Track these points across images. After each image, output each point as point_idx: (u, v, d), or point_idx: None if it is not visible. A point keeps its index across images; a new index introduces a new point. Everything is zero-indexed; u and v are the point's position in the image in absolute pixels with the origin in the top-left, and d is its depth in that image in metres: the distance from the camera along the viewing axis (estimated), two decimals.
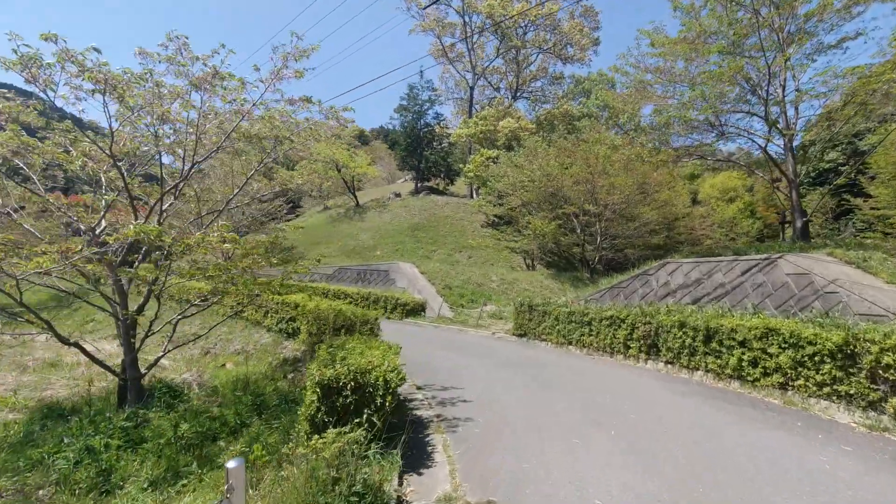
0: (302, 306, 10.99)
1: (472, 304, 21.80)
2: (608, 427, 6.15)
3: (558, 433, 5.95)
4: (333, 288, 23.11)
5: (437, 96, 52.09)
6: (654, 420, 6.44)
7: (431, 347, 12.98)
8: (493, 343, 14.47)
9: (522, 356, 11.93)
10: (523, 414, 6.78)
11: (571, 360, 11.65)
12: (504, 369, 10.08)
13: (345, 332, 8.13)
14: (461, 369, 10.03)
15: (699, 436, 5.78)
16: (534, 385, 8.63)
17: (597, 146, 28.08)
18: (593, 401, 7.47)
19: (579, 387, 8.48)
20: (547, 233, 28.01)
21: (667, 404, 7.27)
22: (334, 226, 44.93)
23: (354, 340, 6.66)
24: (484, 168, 39.64)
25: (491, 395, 7.82)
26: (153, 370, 10.51)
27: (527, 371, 9.95)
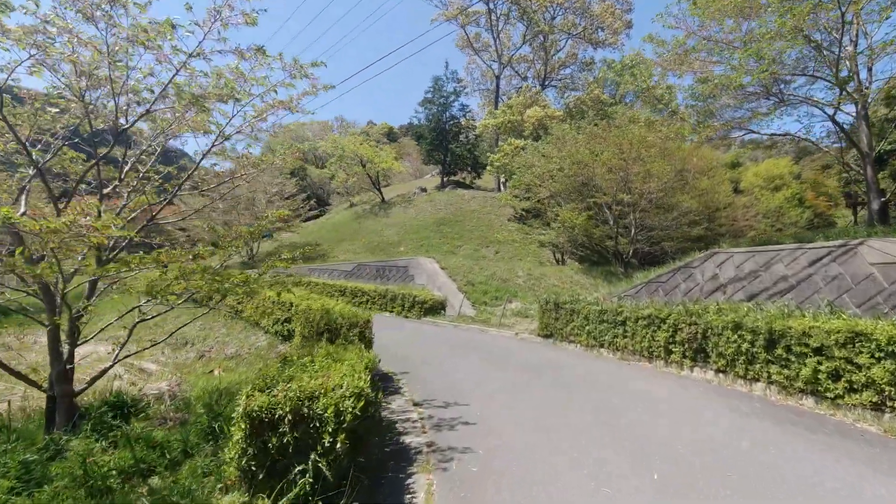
0: (296, 306, 9.81)
1: (496, 301, 20.35)
2: (650, 465, 4.67)
3: (584, 476, 4.52)
4: (350, 285, 22.05)
5: (463, 88, 50.56)
6: (713, 455, 4.92)
7: (443, 351, 11.66)
8: (514, 345, 13.01)
9: (546, 362, 10.47)
10: (537, 444, 5.39)
11: (603, 366, 10.12)
12: (522, 379, 8.66)
13: (327, 339, 6.86)
14: (471, 379, 8.68)
15: (791, 485, 4.24)
16: (556, 401, 7.19)
17: (630, 129, 26.09)
18: (630, 424, 5.98)
19: (613, 404, 6.97)
20: (577, 225, 26.21)
21: (727, 430, 5.73)
22: (359, 222, 44.19)
23: (325, 349, 5.36)
24: (511, 159, 38.03)
25: (501, 416, 6.44)
26: (128, 380, 9.52)
27: (549, 382, 8.51)
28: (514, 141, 38.98)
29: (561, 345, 13.17)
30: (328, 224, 49.43)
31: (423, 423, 6.12)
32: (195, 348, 12.69)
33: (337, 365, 4.51)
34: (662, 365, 9.85)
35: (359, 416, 3.66)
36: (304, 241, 43.37)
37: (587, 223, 26.50)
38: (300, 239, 45.04)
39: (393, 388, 7.96)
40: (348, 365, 4.52)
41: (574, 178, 27.92)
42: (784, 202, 48.62)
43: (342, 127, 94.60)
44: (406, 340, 13.31)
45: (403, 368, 9.62)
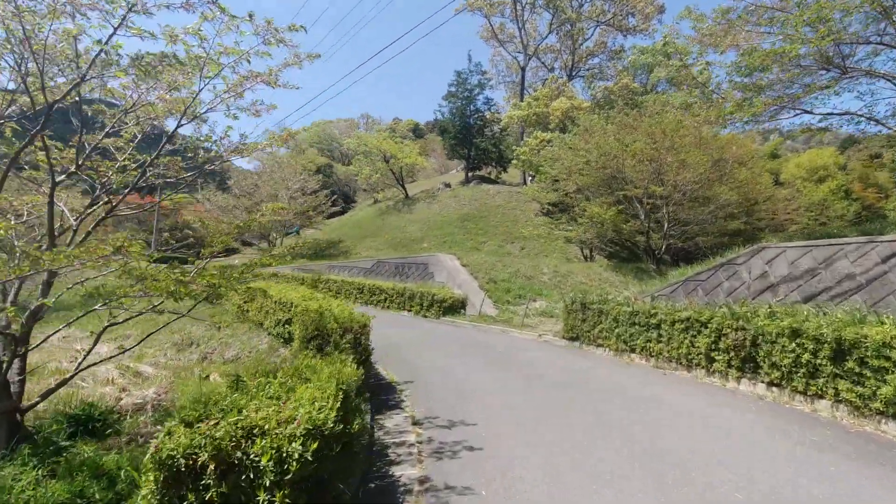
0: (296, 307, 9.02)
1: (520, 300, 19.30)
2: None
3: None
4: (368, 283, 21.35)
5: (487, 80, 49.30)
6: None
7: (457, 356, 10.73)
8: (536, 349, 11.99)
9: (570, 370, 9.42)
10: (553, 484, 4.39)
11: (635, 376, 9.02)
12: (542, 393, 7.67)
13: (316, 346, 6.02)
14: (484, 392, 7.73)
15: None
16: (580, 424, 6.18)
17: (664, 116, 24.59)
18: (669, 454, 4.94)
19: (651, 430, 5.92)
20: (606, 220, 24.88)
21: (798, 472, 4.61)
22: (383, 218, 43.62)
23: (301, 361, 4.50)
24: (536, 152, 36.77)
25: (514, 442, 5.49)
26: (119, 386, 8.88)
27: (573, 396, 7.50)
28: (539, 134, 37.68)
29: (587, 349, 12.09)
30: (351, 221, 49.07)
31: (421, 449, 5.21)
32: (199, 349, 12.10)
33: (302, 387, 3.64)
34: (703, 374, 8.69)
35: (311, 462, 2.77)
36: (326, 238, 43.08)
37: (616, 218, 25.16)
38: (323, 235, 44.79)
39: (394, 402, 7.09)
40: (316, 386, 3.64)
41: (602, 170, 26.57)
42: (829, 194, 45.99)
43: (368, 124, 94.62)
44: (419, 343, 12.44)
45: (409, 376, 8.75)
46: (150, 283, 4.85)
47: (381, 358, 10.21)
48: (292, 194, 37.82)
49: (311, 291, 10.69)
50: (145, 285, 4.94)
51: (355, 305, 22.15)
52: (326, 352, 5.65)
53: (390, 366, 9.71)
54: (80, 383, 9.33)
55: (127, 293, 5.17)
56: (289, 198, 37.68)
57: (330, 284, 23.68)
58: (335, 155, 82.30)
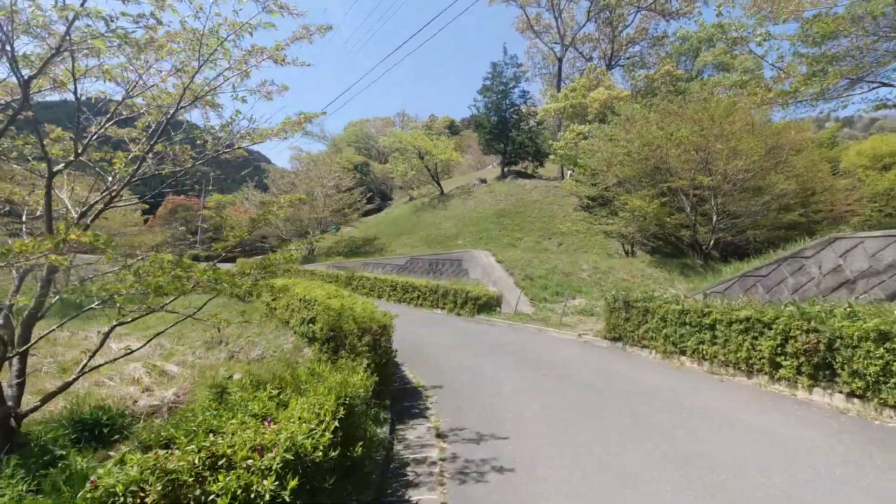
0: (318, 304, 8.58)
1: (558, 297, 18.43)
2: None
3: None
4: (402, 280, 20.92)
5: (523, 73, 48.21)
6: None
7: (490, 357, 10.08)
8: (575, 351, 11.19)
9: (613, 376, 8.63)
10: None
11: (686, 382, 8.16)
12: (583, 402, 6.95)
13: (331, 348, 5.50)
14: (518, 399, 7.09)
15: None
16: (633, 448, 5.41)
17: (713, 101, 23.10)
18: (738, 490, 4.16)
19: (714, 452, 5.12)
20: (648, 213, 23.62)
21: None
22: (418, 215, 43.27)
23: (305, 368, 3.97)
24: (574, 145, 35.55)
25: (551, 465, 4.80)
26: (141, 387, 8.68)
27: (617, 407, 6.74)
28: (575, 127, 36.43)
29: (631, 350, 11.21)
30: (387, 218, 49.00)
31: (443, 469, 4.60)
32: (227, 348, 11.92)
33: (296, 401, 3.10)
34: (767, 381, 7.74)
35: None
36: (362, 236, 43.12)
37: (660, 211, 23.87)
38: (359, 233, 44.87)
39: (418, 409, 6.52)
40: (310, 402, 3.08)
41: (644, 161, 25.28)
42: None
43: (404, 122, 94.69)
44: (450, 343, 11.85)
45: (437, 380, 8.19)
46: (145, 280, 4.42)
47: (409, 359, 9.70)
48: (327, 192, 37.91)
49: (335, 289, 10.26)
50: (140, 281, 4.52)
51: (388, 303, 21.83)
52: (341, 355, 5.14)
53: (418, 368, 9.19)
54: (109, 382, 9.21)
55: (119, 290, 4.76)
56: (324, 195, 37.79)
57: (363, 282, 23.43)
58: (372, 153, 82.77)
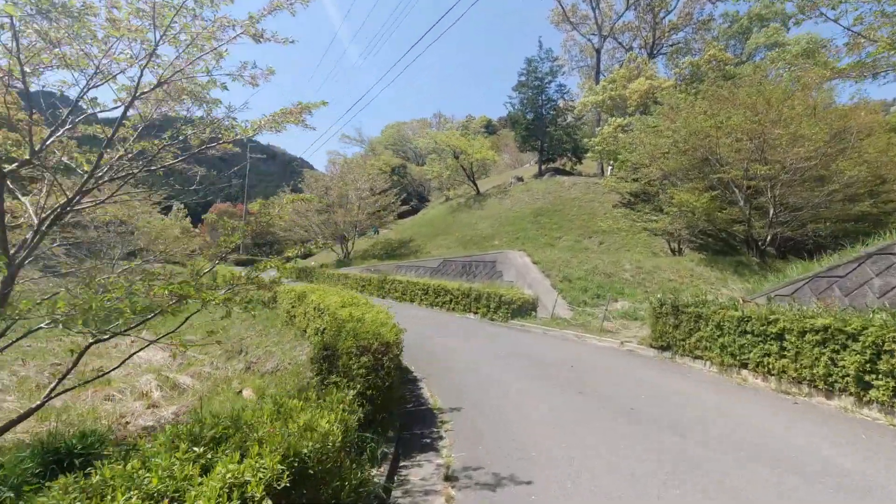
0: (329, 313, 7.88)
1: (598, 300, 17.20)
2: None
3: None
4: (434, 284, 20.14)
5: (559, 67, 46.69)
6: None
7: (520, 372, 9.11)
8: (617, 362, 10.07)
9: (664, 396, 7.51)
10: None
11: (756, 405, 7.01)
12: (631, 435, 5.90)
13: (325, 371, 4.73)
14: (548, 428, 6.07)
15: None
16: (679, 483, 4.38)
17: (766, 86, 21.25)
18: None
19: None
20: (697, 208, 21.94)
21: None
22: (454, 216, 42.54)
23: (280, 400, 3.20)
24: (613, 140, 33.92)
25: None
26: (146, 402, 8.20)
27: (668, 439, 5.65)
28: (614, 120, 34.76)
29: (682, 361, 10.01)
30: (423, 219, 48.48)
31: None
32: (245, 358, 11.44)
33: (222, 465, 2.29)
34: (853, 403, 6.49)
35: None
36: (398, 238, 42.74)
37: (710, 205, 22.14)
38: (395, 235, 44.54)
39: (430, 439, 5.65)
40: (245, 466, 2.27)
41: (691, 153, 23.59)
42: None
43: (440, 123, 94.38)
44: (478, 353, 10.91)
45: (457, 400, 7.26)
46: (96, 299, 3.77)
47: (430, 373, 8.87)
48: (361, 194, 37.64)
49: (352, 296, 9.57)
50: (90, 300, 3.88)
51: (420, 307, 21.11)
52: (331, 380, 4.37)
53: (438, 384, 8.33)
54: (118, 396, 8.80)
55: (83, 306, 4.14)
56: (358, 198, 37.55)
57: (395, 285, 22.81)
58: (409, 155, 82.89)
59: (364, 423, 4.76)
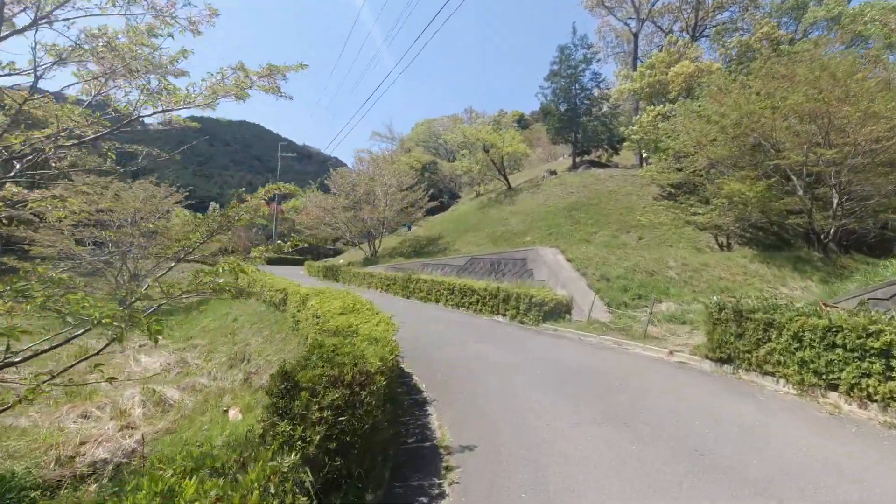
0: (322, 322, 6.69)
1: (640, 301, 15.53)
2: None
3: None
4: (459, 283, 18.83)
5: (594, 54, 44.52)
6: None
7: (550, 390, 7.64)
8: (669, 379, 8.51)
9: (736, 428, 5.98)
10: None
11: (862, 446, 5.41)
12: (701, 494, 4.40)
13: (280, 410, 3.48)
14: (583, 484, 4.60)
15: None
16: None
17: (832, 60, 18.99)
18: None
19: None
20: (750, 198, 19.87)
21: None
22: (484, 212, 41.15)
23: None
24: (653, 128, 31.76)
25: None
26: (118, 424, 7.21)
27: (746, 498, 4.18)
28: (651, 108, 32.54)
29: (747, 378, 8.39)
30: (452, 216, 47.21)
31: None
32: (247, 367, 10.42)
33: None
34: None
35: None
36: (427, 235, 41.63)
37: (766, 195, 20.02)
38: (424, 232, 43.46)
39: (427, 498, 4.29)
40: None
41: (743, 138, 21.46)
42: None
43: (472, 118, 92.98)
44: (502, 365, 9.43)
45: (473, 434, 5.76)
46: None
47: (444, 394, 7.50)
48: (388, 190, 36.61)
49: (354, 299, 8.40)
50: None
51: (445, 308, 19.82)
52: (279, 430, 3.14)
53: (451, 409, 6.84)
54: (96, 413, 7.85)
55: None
56: (384, 194, 36.55)
57: (420, 284, 21.61)
58: (440, 152, 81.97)
59: (333, 482, 3.52)
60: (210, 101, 4.40)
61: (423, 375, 8.22)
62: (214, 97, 4.37)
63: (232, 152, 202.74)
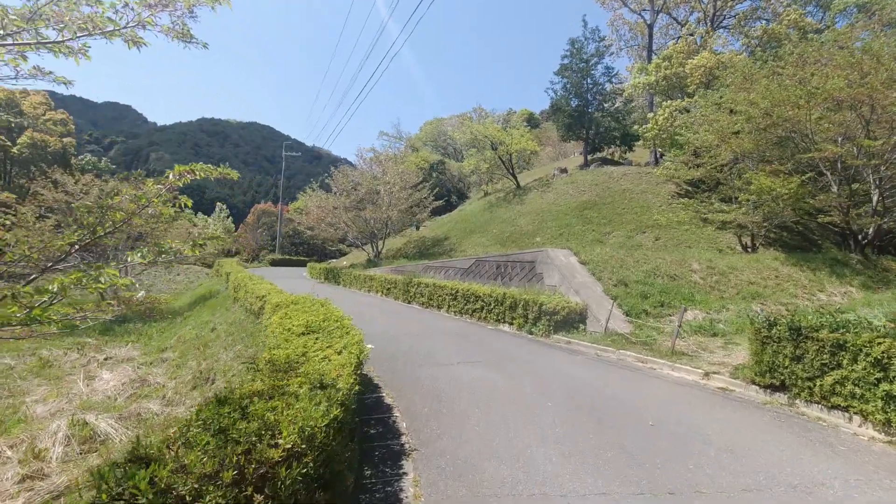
0: (271, 349, 5.19)
1: (663, 309, 13.89)
2: None
3: None
4: (463, 288, 17.29)
5: (606, 47, 42.68)
6: None
7: (564, 438, 5.98)
8: (710, 414, 6.89)
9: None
10: None
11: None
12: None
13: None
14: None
15: None
16: None
17: (873, 42, 17.21)
18: None
19: None
20: (783, 194, 18.09)
21: None
22: (491, 211, 39.58)
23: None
24: (669, 124, 30.04)
25: None
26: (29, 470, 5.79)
27: None
28: (668, 104, 30.79)
29: (808, 411, 6.78)
30: (459, 216, 45.64)
31: None
32: (210, 388, 8.96)
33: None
34: None
35: None
36: (433, 235, 40.14)
37: (800, 191, 18.26)
38: (430, 233, 41.96)
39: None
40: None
41: (772, 129, 19.70)
42: None
43: (481, 117, 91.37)
44: (505, 392, 7.77)
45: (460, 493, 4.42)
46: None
47: (431, 443, 5.86)
48: (390, 189, 35.13)
49: (326, 315, 6.91)
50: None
51: (448, 314, 18.28)
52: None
53: (433, 465, 5.10)
54: (8, 453, 6.40)
55: None
56: (387, 193, 35.09)
57: (421, 289, 20.11)
58: (448, 151, 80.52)
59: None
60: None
61: (407, 409, 6.69)
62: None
63: (242, 153, 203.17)
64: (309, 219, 38.26)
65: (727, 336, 12.04)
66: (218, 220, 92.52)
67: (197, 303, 23.08)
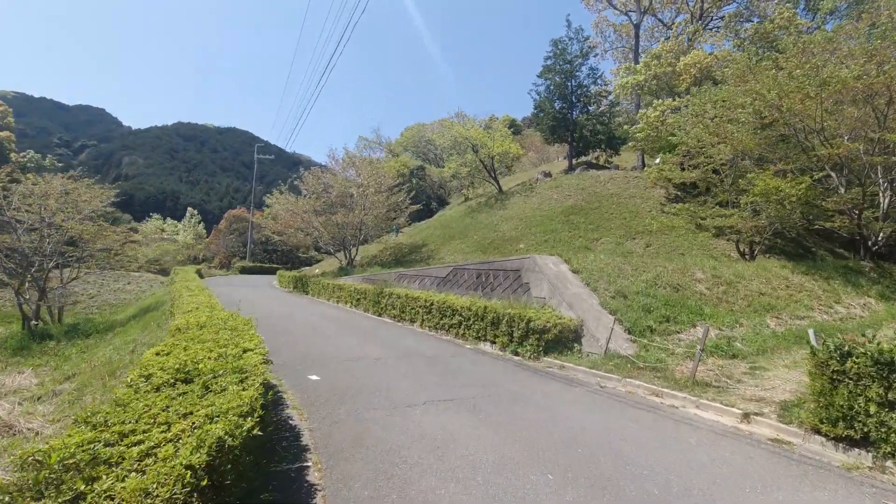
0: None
1: (669, 324, 11.94)
2: None
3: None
4: (438, 300, 15.14)
5: (591, 48, 41.22)
6: None
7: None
8: (774, 495, 4.81)
9: None
10: None
11: None
12: None
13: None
14: None
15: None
16: None
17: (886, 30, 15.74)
18: None
19: None
20: (790, 196, 16.40)
21: None
22: (473, 217, 37.61)
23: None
24: (661, 124, 28.52)
25: None
26: None
27: None
28: (658, 102, 29.31)
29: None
30: (438, 222, 43.56)
31: None
32: None
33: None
34: None
35: None
36: (410, 242, 37.96)
37: (810, 193, 16.61)
38: (407, 239, 39.78)
39: None
40: None
41: (775, 125, 18.13)
42: None
43: (463, 123, 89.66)
44: (480, 453, 5.67)
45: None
46: None
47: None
48: (364, 192, 32.87)
49: (225, 342, 4.71)
50: None
51: (422, 330, 16.10)
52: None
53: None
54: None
55: None
56: (361, 196, 32.83)
57: (393, 300, 17.91)
58: (430, 157, 78.60)
59: None
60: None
61: (337, 495, 4.46)
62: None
63: (220, 159, 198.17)
64: (277, 224, 35.71)
65: (748, 358, 10.16)
66: (189, 226, 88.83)
67: (140, 316, 20.48)
